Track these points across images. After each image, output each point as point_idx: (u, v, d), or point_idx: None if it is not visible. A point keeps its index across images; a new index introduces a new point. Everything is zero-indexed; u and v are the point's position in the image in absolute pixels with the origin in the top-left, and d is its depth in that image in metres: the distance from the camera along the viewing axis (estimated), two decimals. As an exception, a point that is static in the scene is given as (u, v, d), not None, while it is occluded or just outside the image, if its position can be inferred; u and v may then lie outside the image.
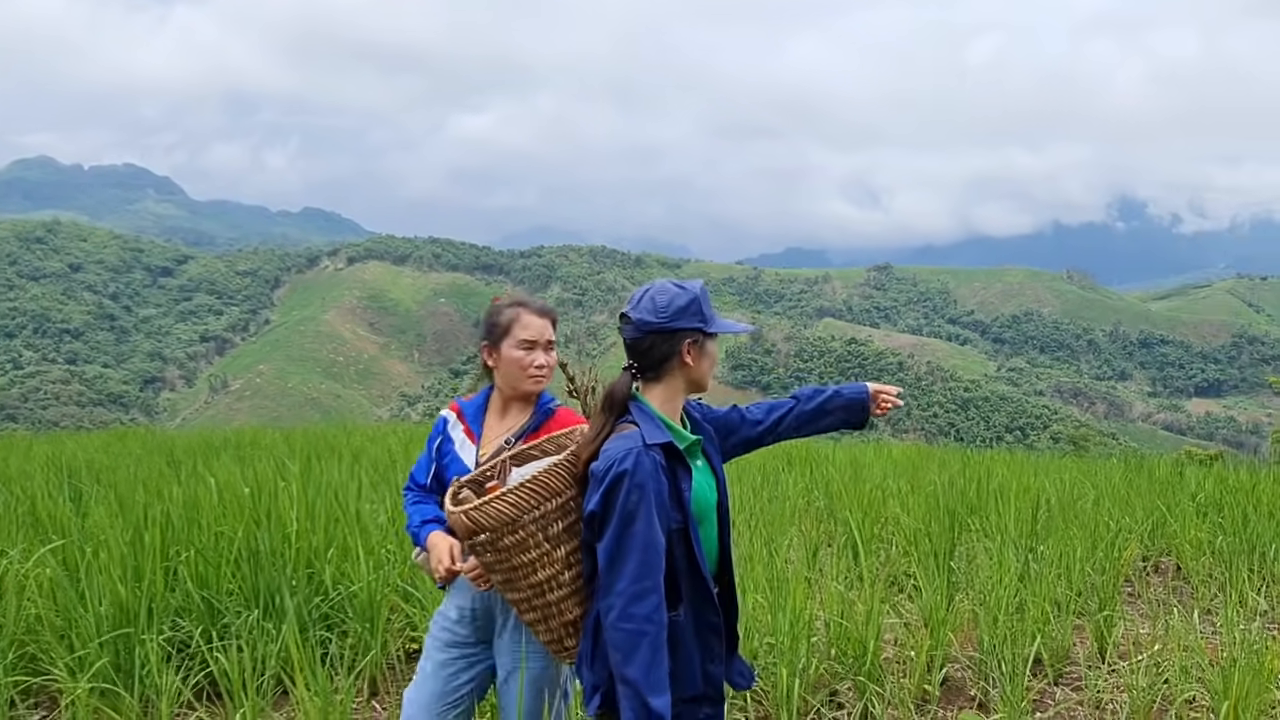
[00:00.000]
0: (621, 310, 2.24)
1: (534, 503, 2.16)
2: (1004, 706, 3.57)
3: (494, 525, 2.15)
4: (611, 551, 2.03)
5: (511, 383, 2.58)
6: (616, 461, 2.05)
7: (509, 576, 2.21)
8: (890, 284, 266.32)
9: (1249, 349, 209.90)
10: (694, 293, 2.20)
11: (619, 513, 2.02)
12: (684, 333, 2.18)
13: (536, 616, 2.25)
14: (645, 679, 1.98)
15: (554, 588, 2.20)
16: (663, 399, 2.22)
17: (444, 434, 2.66)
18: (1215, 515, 6.58)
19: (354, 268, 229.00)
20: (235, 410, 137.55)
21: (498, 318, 2.58)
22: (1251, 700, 3.34)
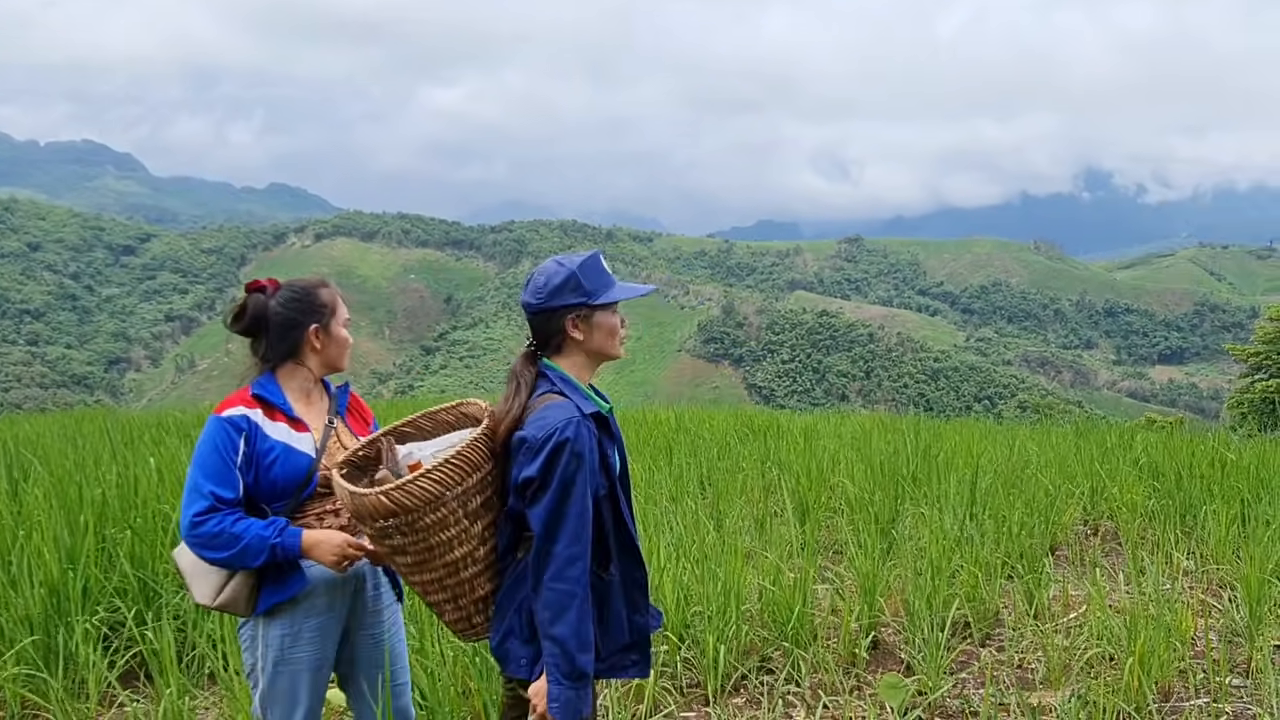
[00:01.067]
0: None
1: (458, 478, 2.14)
2: (925, 667, 3.65)
3: (418, 505, 2.10)
4: (549, 517, 2.08)
5: (336, 362, 2.54)
6: (558, 430, 2.09)
7: (423, 557, 2.17)
8: (861, 256, 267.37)
9: (1210, 317, 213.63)
10: (571, 268, 2.22)
11: (559, 479, 2.07)
12: (564, 309, 2.21)
13: (446, 596, 2.23)
14: (574, 637, 2.06)
15: (468, 564, 2.20)
16: (575, 371, 2.26)
17: (255, 434, 2.38)
18: (1153, 480, 6.73)
19: (322, 244, 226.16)
20: (204, 390, 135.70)
21: (320, 300, 2.51)
22: (1158, 655, 3.44)
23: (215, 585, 2.38)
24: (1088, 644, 3.80)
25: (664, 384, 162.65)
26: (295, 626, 2.44)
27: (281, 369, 2.51)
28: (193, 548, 2.33)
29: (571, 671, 2.05)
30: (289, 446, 2.41)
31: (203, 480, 2.32)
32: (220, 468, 2.33)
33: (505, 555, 2.23)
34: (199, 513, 2.30)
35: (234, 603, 2.38)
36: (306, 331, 2.48)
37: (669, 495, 6.54)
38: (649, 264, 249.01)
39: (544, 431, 2.09)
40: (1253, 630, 3.83)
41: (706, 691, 3.64)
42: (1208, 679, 3.55)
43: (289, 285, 2.54)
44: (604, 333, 2.26)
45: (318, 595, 2.47)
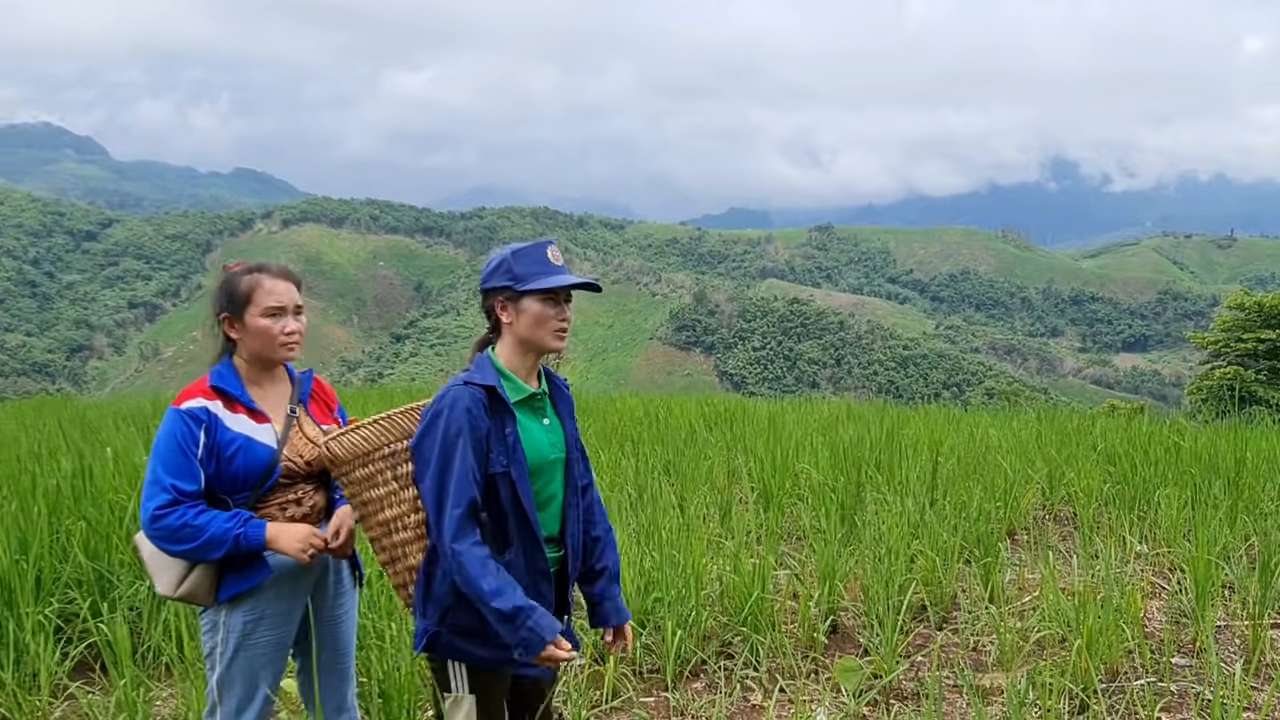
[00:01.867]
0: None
1: (385, 439, 2.25)
2: (881, 650, 3.71)
3: (347, 457, 2.24)
4: (434, 483, 2.12)
5: (262, 354, 2.46)
6: (436, 399, 2.17)
7: (362, 512, 2.29)
8: (831, 244, 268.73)
9: (1173, 305, 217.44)
10: (506, 253, 2.27)
11: (438, 443, 2.12)
12: (494, 292, 2.26)
13: (386, 558, 2.31)
14: (488, 588, 2.07)
15: (399, 528, 2.27)
16: (506, 354, 2.28)
17: (215, 426, 2.36)
18: (1109, 465, 6.85)
19: (289, 230, 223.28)
20: (169, 378, 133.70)
21: (235, 286, 2.44)
22: (1106, 636, 3.52)
23: (177, 576, 2.36)
24: (1040, 626, 3.88)
25: (636, 372, 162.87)
26: (258, 613, 2.44)
27: (236, 357, 2.49)
28: (155, 541, 2.31)
29: (504, 617, 2.06)
30: (250, 438, 2.39)
31: (163, 473, 2.29)
32: (181, 461, 2.30)
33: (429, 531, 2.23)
34: (160, 506, 2.27)
35: (196, 593, 2.37)
36: (221, 320, 2.45)
37: (633, 483, 6.55)
38: (620, 251, 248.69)
39: (433, 403, 2.18)
40: (1199, 611, 3.92)
41: (666, 677, 3.67)
42: (1154, 659, 3.64)
43: (227, 271, 2.51)
44: (530, 318, 2.22)
45: (282, 582, 2.46)
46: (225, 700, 2.45)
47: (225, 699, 2.45)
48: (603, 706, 3.46)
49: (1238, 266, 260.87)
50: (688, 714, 3.47)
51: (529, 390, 2.28)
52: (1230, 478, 5.84)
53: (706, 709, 3.48)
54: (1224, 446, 6.74)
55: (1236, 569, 4.40)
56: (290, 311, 2.46)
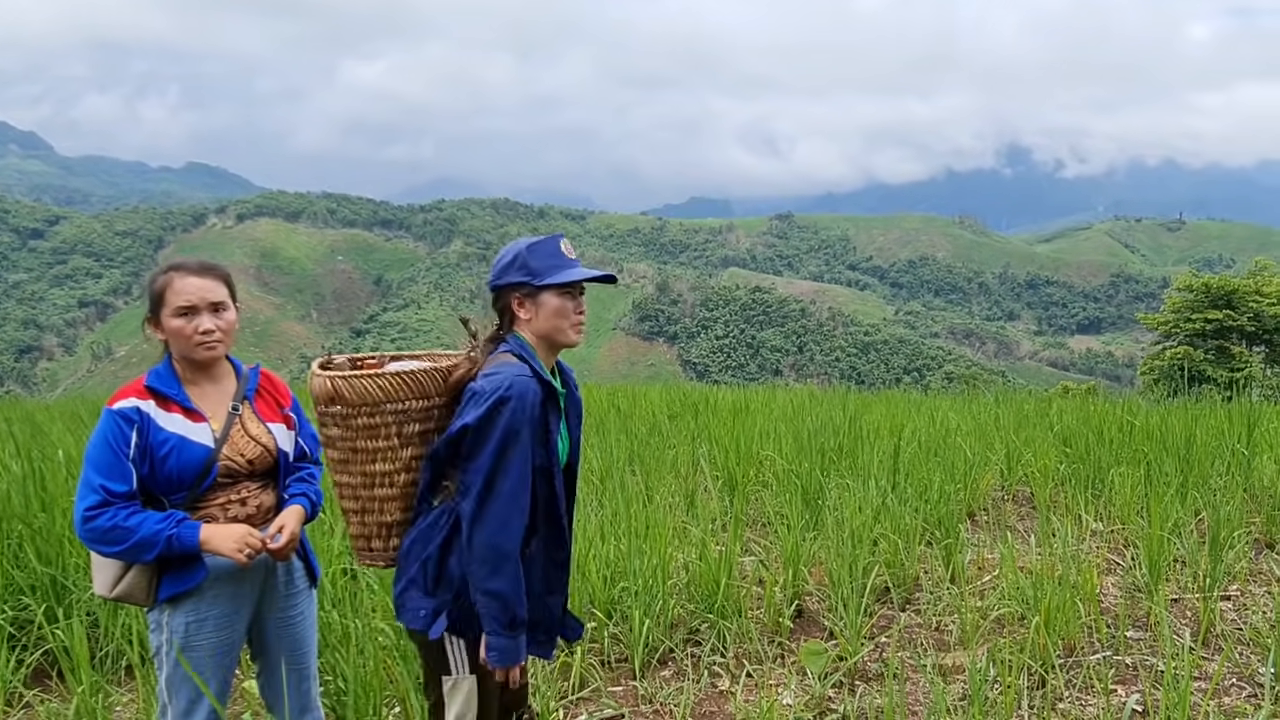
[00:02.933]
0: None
1: (402, 394, 2.18)
2: (846, 633, 3.75)
3: (355, 401, 2.16)
4: (490, 469, 2.08)
5: (183, 353, 2.41)
6: (505, 385, 2.09)
7: (346, 457, 2.22)
8: (792, 232, 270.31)
9: (1125, 287, 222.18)
10: (520, 248, 2.23)
11: (501, 433, 2.07)
12: (510, 287, 2.23)
13: (356, 507, 2.27)
14: (514, 591, 2.10)
15: (385, 484, 2.23)
16: (534, 345, 2.26)
17: (147, 426, 2.32)
18: (1065, 446, 6.99)
19: (244, 225, 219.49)
20: (123, 378, 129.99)
21: (151, 287, 2.38)
22: (1063, 612, 3.60)
23: (113, 576, 2.33)
24: (999, 605, 3.95)
25: (600, 363, 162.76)
26: (201, 614, 2.40)
27: (174, 356, 2.45)
28: (86, 543, 2.28)
29: (511, 621, 2.10)
30: (184, 438, 2.34)
31: (93, 474, 2.25)
32: (111, 461, 2.26)
33: (421, 499, 2.24)
34: (90, 507, 2.23)
35: (132, 594, 2.34)
36: (147, 324, 2.41)
37: (599, 474, 6.56)
38: (582, 242, 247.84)
39: (492, 384, 2.10)
40: (1152, 585, 4.03)
41: (634, 665, 3.68)
42: (1110, 633, 3.72)
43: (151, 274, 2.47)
44: (549, 313, 2.21)
45: (222, 583, 2.42)
46: (174, 700, 2.43)
47: (174, 699, 2.42)
48: (570, 697, 3.47)
49: (1187, 249, 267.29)
50: (656, 702, 3.49)
51: (561, 389, 2.30)
52: (1181, 455, 5.99)
53: (674, 696, 3.50)
54: (1175, 425, 6.90)
55: (1188, 543, 4.52)
56: (205, 309, 2.37)
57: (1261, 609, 3.87)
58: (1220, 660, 3.41)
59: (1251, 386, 19.42)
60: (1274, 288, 23.69)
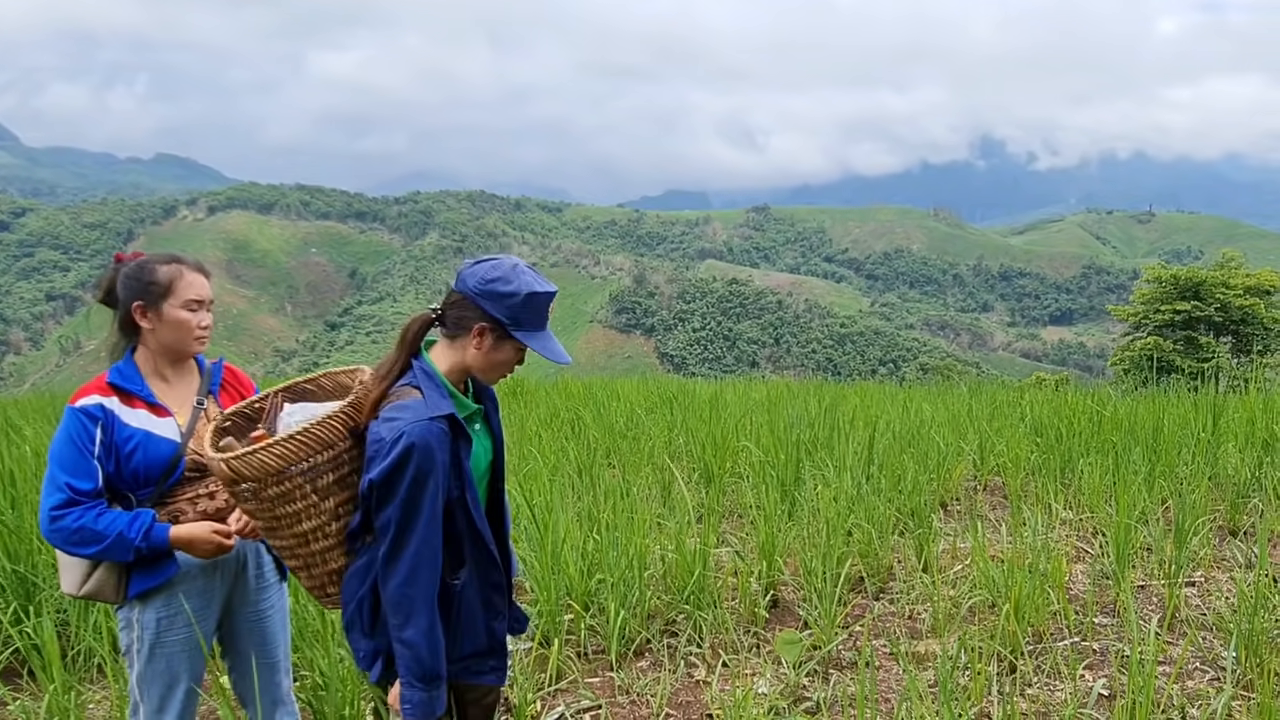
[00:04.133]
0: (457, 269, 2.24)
1: (304, 454, 2.08)
2: (820, 622, 3.80)
3: (258, 476, 2.06)
4: (397, 523, 2.02)
5: (175, 345, 2.42)
6: (405, 434, 2.00)
7: (272, 525, 2.16)
8: (769, 225, 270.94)
9: (1096, 279, 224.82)
10: (520, 291, 2.10)
11: (406, 486, 2.00)
12: (483, 314, 2.11)
13: (299, 564, 2.22)
14: (425, 641, 2.04)
15: (319, 538, 2.17)
16: (449, 363, 2.17)
17: (112, 422, 2.30)
18: (1036, 436, 7.09)
19: (215, 218, 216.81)
20: (91, 373, 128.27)
21: (154, 276, 2.37)
22: (1033, 600, 3.66)
23: (81, 574, 2.31)
24: (971, 594, 4.01)
25: (577, 355, 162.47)
26: (171, 609, 2.39)
27: (138, 350, 2.43)
28: (53, 543, 2.25)
29: (424, 674, 2.04)
30: (149, 434, 2.34)
31: (58, 472, 2.23)
32: (76, 459, 2.24)
33: (353, 537, 2.17)
34: (56, 506, 2.21)
35: (101, 591, 2.32)
36: (132, 308, 2.38)
37: (575, 467, 6.57)
38: (559, 234, 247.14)
39: (392, 434, 2.01)
40: (1119, 572, 4.10)
41: (610, 656, 3.70)
42: (1078, 619, 3.79)
43: (140, 259, 2.43)
44: (497, 360, 2.17)
45: (193, 578, 2.42)
46: (146, 698, 2.42)
47: (146, 696, 2.42)
48: (547, 689, 3.48)
49: (1156, 241, 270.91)
50: (632, 692, 3.51)
51: (474, 407, 2.24)
52: (1148, 444, 6.09)
53: (651, 687, 3.52)
54: (1143, 415, 7.02)
55: (1154, 531, 4.60)
56: (206, 305, 2.44)
57: (1224, 594, 3.95)
58: (1184, 645, 3.48)
59: (1218, 376, 19.76)
60: (1240, 279, 24.10)
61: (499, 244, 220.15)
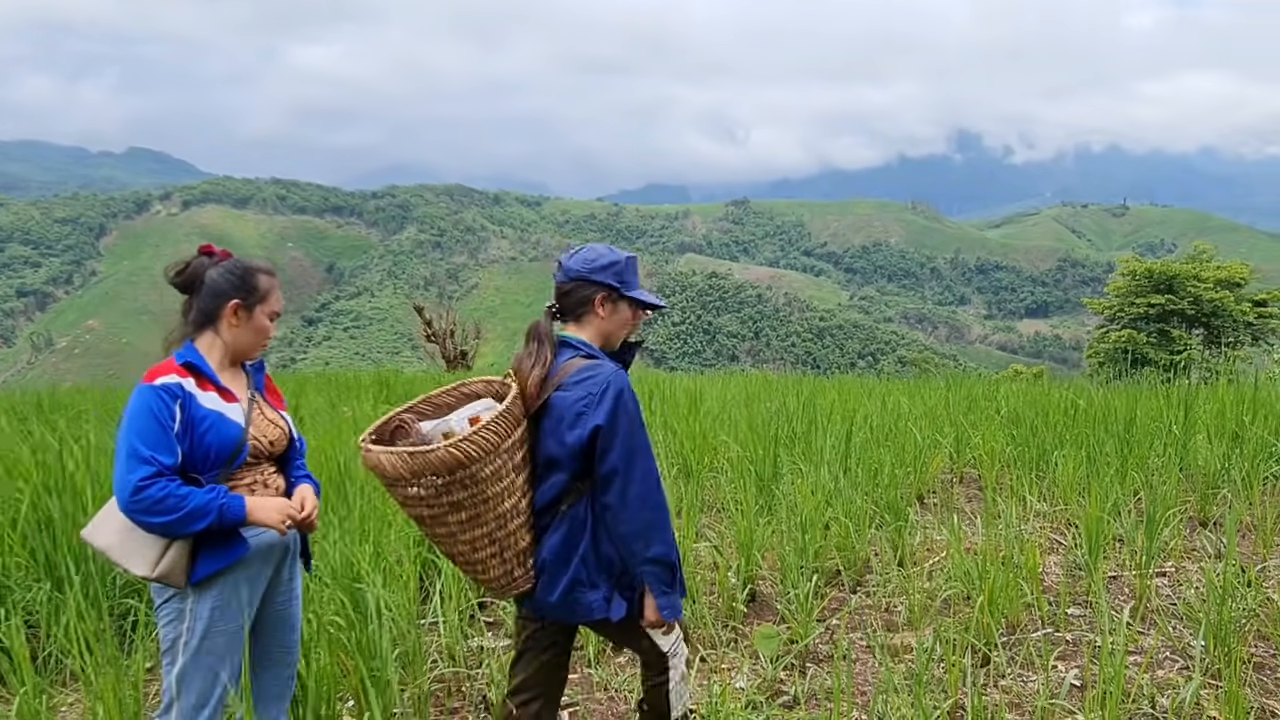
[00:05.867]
0: (557, 259, 2.57)
1: (508, 431, 2.31)
2: (798, 616, 3.82)
3: (482, 455, 2.25)
4: (626, 453, 2.31)
5: (247, 348, 2.57)
6: (610, 382, 2.34)
7: (478, 511, 2.30)
8: (748, 218, 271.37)
9: (1071, 272, 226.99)
10: (619, 258, 2.51)
11: (629, 419, 2.33)
12: (599, 286, 2.47)
13: (494, 551, 2.36)
14: (669, 550, 2.36)
15: (515, 515, 2.37)
16: (587, 337, 2.50)
17: (189, 401, 2.38)
18: (1012, 428, 7.15)
19: (190, 212, 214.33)
20: (64, 370, 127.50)
21: (256, 281, 2.54)
22: (1007, 592, 3.70)
23: (155, 555, 2.33)
24: (946, 586, 4.05)
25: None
26: (225, 598, 2.44)
27: (200, 338, 2.51)
28: (135, 514, 2.27)
29: (673, 579, 2.39)
30: (221, 415, 2.42)
31: (142, 447, 2.27)
32: (159, 434, 2.29)
33: (545, 511, 2.41)
34: (144, 478, 2.24)
35: (172, 572, 2.34)
36: (227, 304, 2.50)
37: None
38: (538, 228, 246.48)
39: (599, 385, 2.33)
40: (1091, 563, 4.15)
41: (588, 653, 3.70)
42: (1051, 610, 3.84)
43: (238, 260, 2.58)
44: (620, 320, 2.53)
45: (251, 565, 2.49)
46: (184, 694, 2.42)
47: (184, 693, 2.42)
48: (526, 686, 3.47)
49: (1130, 234, 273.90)
50: (610, 689, 3.52)
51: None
52: (1121, 437, 6.16)
53: (630, 682, 3.53)
54: (1116, 407, 7.10)
55: (1126, 523, 4.66)
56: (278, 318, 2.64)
57: (1194, 584, 4.01)
58: (1154, 635, 3.54)
59: (1191, 369, 20.03)
60: (1211, 272, 24.40)
61: (477, 238, 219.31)
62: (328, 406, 9.82)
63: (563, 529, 2.38)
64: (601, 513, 2.37)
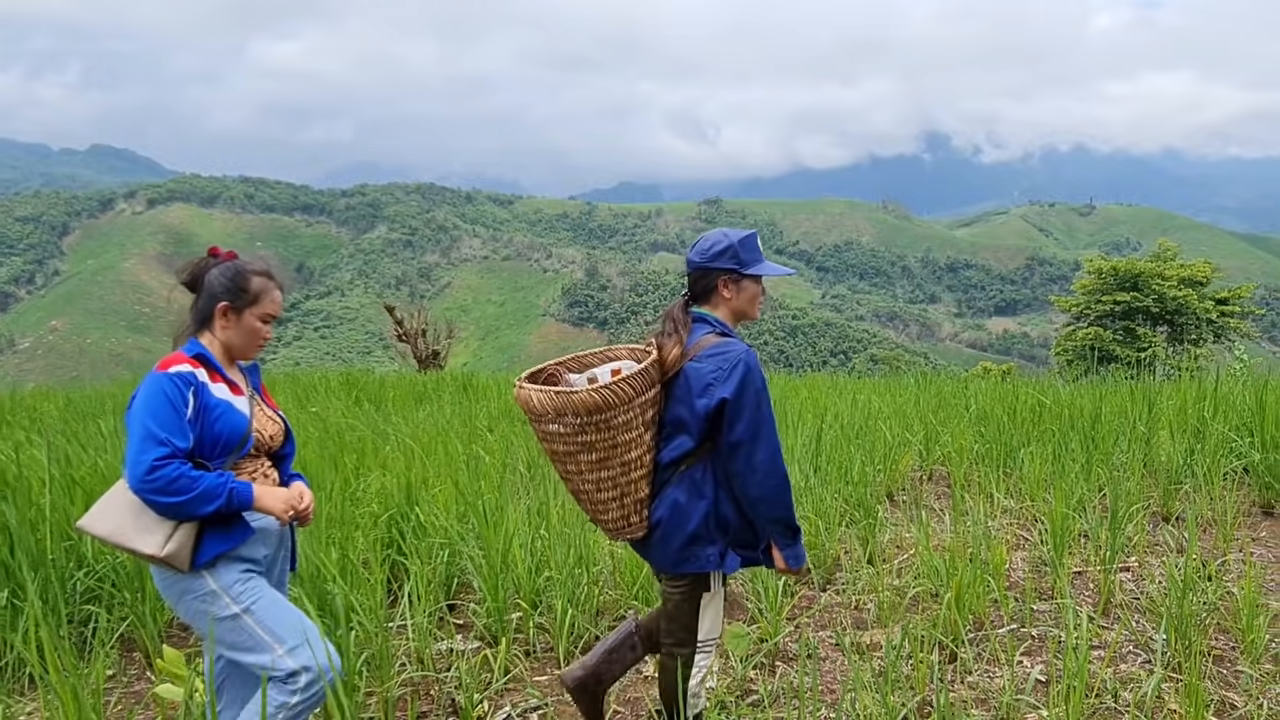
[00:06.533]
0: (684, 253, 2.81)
1: (644, 388, 2.55)
2: (768, 614, 3.83)
3: (620, 401, 2.50)
4: (754, 425, 2.51)
5: (239, 348, 2.61)
6: (742, 357, 2.54)
7: (606, 454, 2.55)
8: (720, 217, 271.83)
9: (1039, 270, 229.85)
10: (732, 240, 2.68)
11: (755, 394, 2.52)
12: (719, 271, 2.67)
13: (615, 494, 2.61)
14: (790, 512, 2.60)
15: (638, 466, 2.60)
16: (722, 317, 2.70)
17: (201, 390, 2.45)
18: (980, 426, 7.22)
19: (156, 211, 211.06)
20: (26, 371, 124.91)
21: (247, 284, 2.58)
22: (974, 589, 3.73)
23: (164, 534, 2.38)
24: (915, 584, 4.08)
25: (531, 349, 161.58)
26: (244, 565, 2.51)
27: (201, 337, 2.58)
28: (148, 493, 2.30)
29: (795, 533, 2.63)
30: (230, 404, 2.49)
31: (157, 429, 2.32)
32: (174, 418, 2.35)
33: (667, 468, 2.62)
34: (159, 458, 2.30)
35: (179, 552, 2.38)
36: (216, 306, 2.55)
37: (525, 462, 6.54)
38: (510, 227, 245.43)
39: (730, 361, 2.54)
40: (1056, 559, 4.20)
41: (558, 654, 3.69)
42: (1017, 607, 3.88)
43: (238, 262, 2.64)
44: (748, 297, 2.72)
45: (255, 548, 2.54)
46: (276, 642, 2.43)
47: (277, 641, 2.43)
48: (494, 687, 3.46)
49: (1096, 232, 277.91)
50: (581, 690, 3.50)
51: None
52: (1087, 433, 6.24)
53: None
54: (1083, 404, 7.19)
55: (1091, 519, 4.72)
56: (274, 320, 2.67)
57: (1157, 579, 4.07)
58: (1118, 629, 3.58)
59: (1155, 365, 20.35)
60: (1175, 270, 24.79)
61: (449, 237, 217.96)
62: (296, 406, 9.71)
63: (682, 487, 2.60)
64: (729, 479, 2.58)
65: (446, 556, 4.28)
